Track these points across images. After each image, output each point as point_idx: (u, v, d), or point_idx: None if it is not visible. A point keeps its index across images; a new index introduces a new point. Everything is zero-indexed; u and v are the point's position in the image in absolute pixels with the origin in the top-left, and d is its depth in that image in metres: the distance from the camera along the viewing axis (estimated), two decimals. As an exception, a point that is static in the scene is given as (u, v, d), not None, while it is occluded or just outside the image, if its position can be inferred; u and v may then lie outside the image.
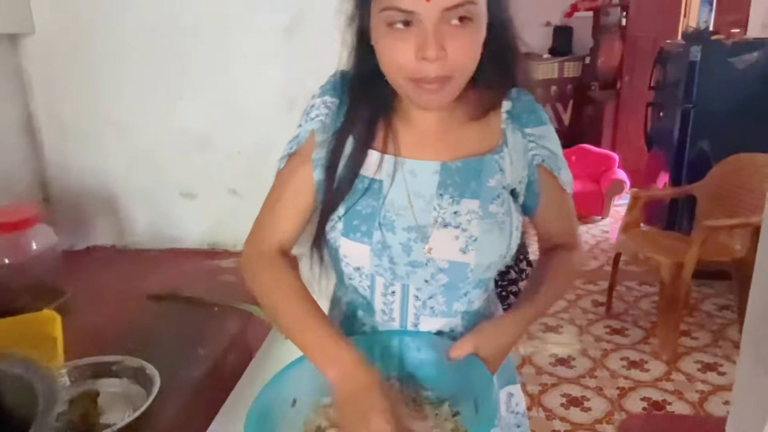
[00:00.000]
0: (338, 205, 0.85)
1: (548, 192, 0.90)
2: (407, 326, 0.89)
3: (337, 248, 0.86)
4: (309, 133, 0.87)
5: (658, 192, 3.87)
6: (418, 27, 0.73)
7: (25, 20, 1.32)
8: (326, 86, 0.89)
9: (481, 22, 0.77)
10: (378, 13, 0.75)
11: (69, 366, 0.86)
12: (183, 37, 1.33)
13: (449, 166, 0.84)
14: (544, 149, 0.89)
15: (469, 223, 0.83)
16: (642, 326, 3.14)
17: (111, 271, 1.34)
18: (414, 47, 0.73)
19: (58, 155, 1.44)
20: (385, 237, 0.83)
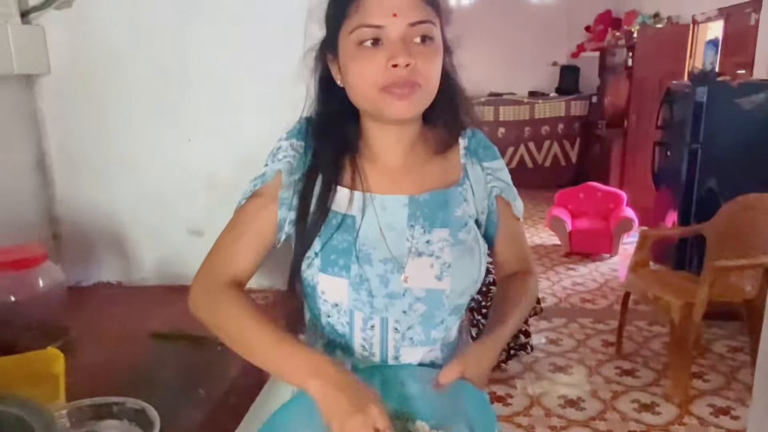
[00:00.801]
0: (312, 242, 0.88)
1: (505, 221, 0.99)
2: (388, 359, 0.91)
3: (315, 285, 0.88)
4: (275, 173, 0.90)
5: (667, 231, 3.85)
6: (386, 43, 0.80)
7: (41, 61, 1.36)
8: (292, 131, 0.94)
9: (439, 46, 0.85)
10: (348, 35, 0.82)
11: (70, 407, 0.86)
12: (191, 82, 1.37)
13: (417, 198, 0.90)
14: (501, 181, 0.97)
15: (442, 251, 0.88)
16: (653, 367, 3.08)
17: (117, 309, 1.34)
18: (383, 59, 0.80)
19: (68, 192, 1.46)
20: (363, 270, 0.87)
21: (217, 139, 1.40)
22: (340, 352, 0.92)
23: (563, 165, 7.41)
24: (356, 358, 0.91)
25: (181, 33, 1.34)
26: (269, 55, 1.32)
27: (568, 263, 4.77)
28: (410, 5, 0.80)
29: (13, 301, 1.06)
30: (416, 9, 0.81)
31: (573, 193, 5.18)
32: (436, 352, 0.93)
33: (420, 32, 0.81)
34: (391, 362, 0.91)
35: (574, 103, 7.28)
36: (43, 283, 1.10)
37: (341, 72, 0.87)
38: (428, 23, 0.81)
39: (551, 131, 7.33)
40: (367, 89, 0.83)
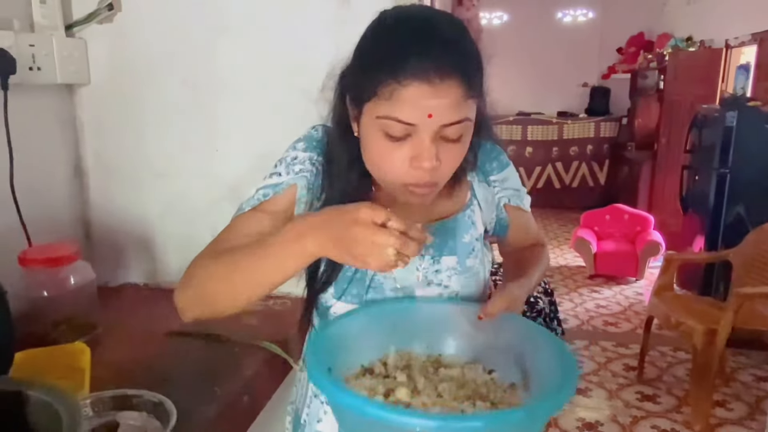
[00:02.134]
0: (336, 273, 0.86)
1: (515, 221, 1.01)
2: None
3: (329, 307, 0.91)
4: (290, 186, 0.86)
5: (693, 256, 3.80)
6: (415, 138, 0.74)
7: (82, 72, 1.44)
8: (311, 140, 0.89)
9: (470, 134, 0.79)
10: (374, 117, 0.75)
11: (93, 397, 0.91)
12: (220, 95, 1.43)
13: (427, 228, 0.86)
14: (509, 190, 0.97)
15: (450, 279, 0.90)
16: (675, 394, 3.03)
17: (141, 309, 1.40)
18: (409, 156, 0.75)
19: (101, 197, 1.53)
20: (378, 298, 0.88)
21: (244, 150, 1.45)
22: None
23: (591, 186, 7.35)
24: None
25: (212, 48, 1.41)
26: (296, 70, 1.37)
27: (592, 285, 4.72)
28: (449, 105, 0.72)
29: (45, 296, 1.12)
30: (454, 109, 0.73)
31: (599, 215, 5.14)
32: None
33: (453, 133, 0.75)
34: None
35: (604, 124, 7.24)
36: (74, 280, 1.16)
37: (360, 138, 0.81)
38: (465, 122, 0.75)
39: (579, 152, 7.29)
40: (384, 178, 0.80)
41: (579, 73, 7.59)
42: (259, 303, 1.41)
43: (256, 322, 1.29)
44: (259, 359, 1.12)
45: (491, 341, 0.83)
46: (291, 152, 0.90)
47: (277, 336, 1.18)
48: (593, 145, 7.28)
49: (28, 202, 1.28)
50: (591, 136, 7.26)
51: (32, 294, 1.12)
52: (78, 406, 0.72)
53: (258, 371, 1.08)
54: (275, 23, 1.39)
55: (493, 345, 0.82)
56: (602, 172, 7.35)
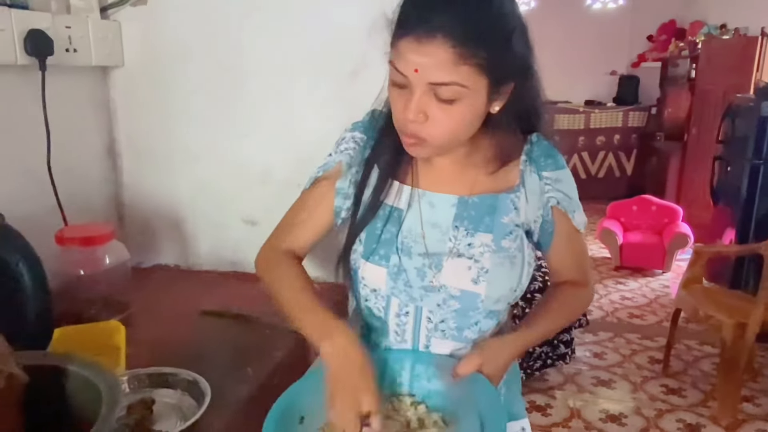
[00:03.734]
0: (362, 230, 0.93)
1: (561, 232, 0.95)
2: (419, 347, 0.94)
3: (357, 269, 0.94)
4: (336, 163, 0.96)
5: (723, 248, 3.72)
6: (409, 89, 0.79)
7: (116, 55, 1.45)
8: (358, 123, 0.99)
9: (472, 103, 0.80)
10: (388, 63, 0.82)
11: (129, 374, 0.92)
12: (252, 79, 1.43)
13: (466, 200, 0.91)
14: (560, 192, 0.93)
15: (482, 255, 0.89)
16: (701, 388, 2.99)
17: (173, 289, 1.42)
18: (403, 104, 0.81)
19: (134, 179, 1.55)
20: (402, 261, 0.90)
21: (273, 135, 1.45)
22: (375, 335, 0.97)
23: (617, 177, 7.24)
24: (390, 341, 0.95)
25: (243, 33, 1.41)
26: (325, 55, 1.37)
27: (618, 277, 4.67)
28: (435, 65, 0.76)
29: (81, 275, 1.15)
30: (442, 70, 0.76)
31: (626, 206, 5.05)
32: (467, 351, 0.93)
33: (444, 93, 0.78)
34: (421, 350, 0.94)
35: (633, 113, 7.10)
36: (109, 260, 1.18)
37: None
38: (454, 86, 0.77)
39: (607, 142, 7.17)
40: (395, 122, 0.86)
41: (608, 61, 7.45)
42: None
43: (285, 305, 1.30)
44: (289, 342, 1.13)
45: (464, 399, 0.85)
46: (342, 135, 0.99)
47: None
48: (621, 134, 7.16)
49: (63, 182, 1.31)
50: (619, 126, 7.13)
51: (68, 272, 1.14)
52: (117, 382, 0.73)
53: (288, 354, 1.09)
54: (306, 5, 1.38)
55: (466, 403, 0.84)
56: (629, 162, 7.23)
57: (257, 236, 1.50)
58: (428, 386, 0.91)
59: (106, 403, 0.69)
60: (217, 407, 0.87)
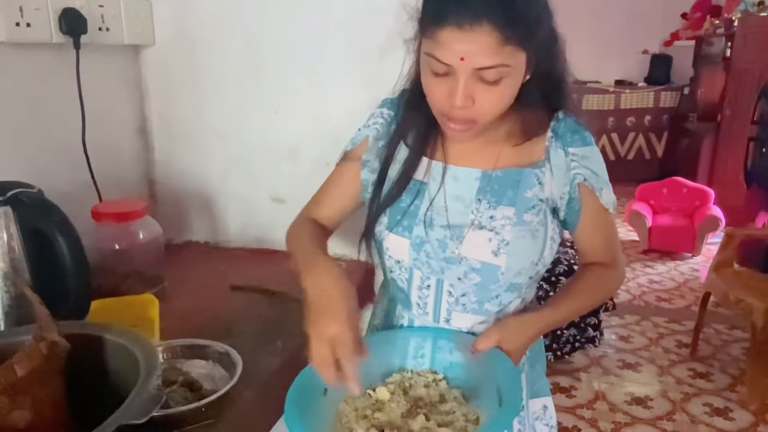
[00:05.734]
0: (390, 204, 0.94)
1: (589, 210, 0.94)
2: (440, 320, 0.95)
3: (382, 241, 0.96)
4: (364, 138, 1.00)
5: (756, 231, 3.65)
6: (452, 76, 0.79)
7: (148, 33, 1.47)
8: (387, 99, 1.02)
9: (514, 78, 0.81)
10: (424, 54, 0.82)
11: (165, 345, 0.95)
12: (280, 57, 1.44)
13: (489, 174, 0.91)
14: (587, 169, 0.92)
15: (503, 228, 0.89)
16: (729, 373, 2.95)
17: (203, 265, 1.45)
18: (446, 91, 0.81)
19: (165, 157, 1.57)
20: (424, 233, 0.91)
21: (302, 113, 1.46)
22: (401, 307, 1.00)
23: (647, 159, 7.10)
24: (413, 314, 0.98)
25: (272, 10, 1.41)
26: (354, 33, 1.37)
27: (646, 260, 4.60)
28: (482, 50, 0.76)
29: (116, 249, 1.18)
30: (487, 54, 0.76)
31: (656, 188, 4.96)
32: (490, 321, 0.95)
33: (490, 75, 0.78)
34: (442, 324, 0.95)
35: (664, 94, 6.93)
36: (143, 235, 1.21)
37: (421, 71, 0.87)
38: (499, 67, 0.78)
39: (637, 123, 7.03)
40: (432, 107, 0.86)
41: (639, 39, 7.25)
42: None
43: (313, 282, 1.32)
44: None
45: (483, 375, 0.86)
46: (373, 111, 1.03)
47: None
48: (651, 115, 7.00)
49: (97, 160, 1.34)
50: (650, 107, 6.97)
51: (104, 247, 1.17)
52: (155, 351, 0.76)
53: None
54: (336, -16, 1.38)
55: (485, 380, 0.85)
56: (660, 144, 7.08)
57: (285, 214, 1.51)
58: (449, 360, 0.92)
59: (144, 370, 0.71)
60: (247, 378, 0.89)
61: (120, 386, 0.72)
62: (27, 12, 1.14)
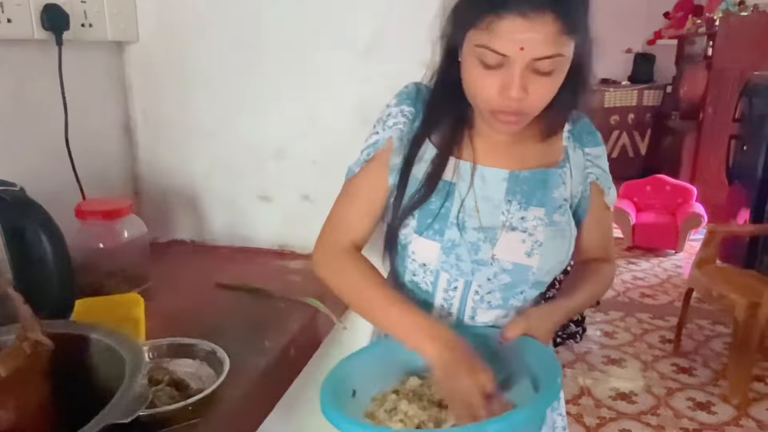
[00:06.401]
0: (419, 206, 0.90)
1: (595, 207, 0.98)
2: (464, 319, 0.95)
3: (407, 245, 0.92)
4: (387, 140, 0.93)
5: (737, 228, 3.70)
6: (507, 68, 0.78)
7: (131, 29, 1.45)
8: (402, 96, 0.95)
9: (563, 70, 0.81)
10: (472, 45, 0.80)
11: (150, 344, 0.94)
12: (268, 54, 1.42)
13: (517, 174, 0.91)
14: (599, 168, 0.96)
15: (536, 229, 0.90)
16: (712, 367, 3.00)
17: (189, 264, 1.44)
18: (499, 84, 0.79)
19: (150, 155, 1.56)
20: (457, 236, 0.89)
21: (289, 111, 1.45)
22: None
23: (631, 156, 7.17)
24: (434, 314, 0.95)
25: (258, 7, 1.40)
26: (345, 29, 1.36)
27: (630, 257, 4.66)
28: (543, 40, 0.75)
29: (101, 248, 1.16)
30: (547, 44, 0.76)
31: (640, 186, 5.02)
32: (510, 318, 0.95)
33: (545, 66, 0.78)
34: (466, 321, 0.95)
35: (648, 92, 7.01)
36: (128, 233, 1.20)
37: (461, 64, 0.85)
38: (556, 57, 0.77)
39: (621, 121, 7.09)
40: (477, 103, 0.85)
41: (622, 38, 7.31)
42: (303, 262, 1.43)
43: (300, 279, 1.32)
44: (304, 315, 1.14)
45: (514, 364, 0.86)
46: (385, 111, 0.95)
47: (320, 293, 1.20)
48: (635, 114, 7.07)
49: (81, 157, 1.32)
50: (633, 105, 7.04)
51: (88, 246, 1.15)
52: (140, 350, 0.75)
53: (303, 326, 1.11)
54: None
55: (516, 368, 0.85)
56: (643, 142, 7.16)
57: (271, 213, 1.53)
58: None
59: (130, 369, 0.71)
60: (235, 377, 0.88)
61: (105, 386, 0.71)
62: (8, 7, 1.12)
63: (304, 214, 1.49)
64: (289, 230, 1.52)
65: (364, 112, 1.38)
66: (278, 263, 1.44)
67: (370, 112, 1.36)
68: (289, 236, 1.51)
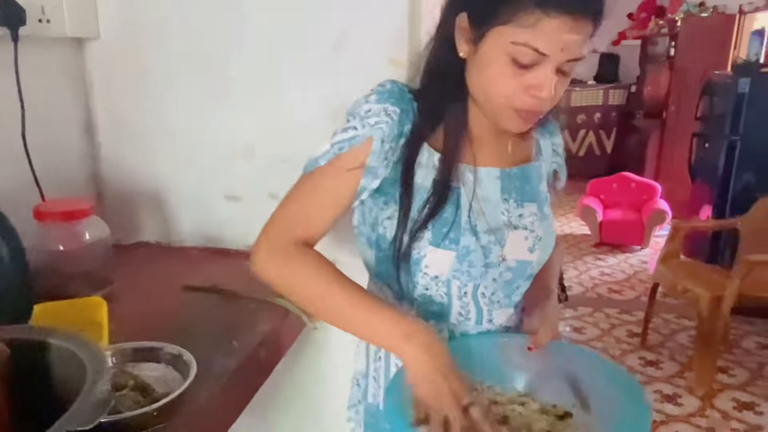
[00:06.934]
0: (434, 216, 0.84)
1: (551, 195, 1.01)
2: (483, 322, 0.94)
3: (420, 259, 0.86)
4: (367, 138, 0.82)
5: (700, 224, 3.79)
6: (540, 67, 0.76)
7: (91, 26, 1.41)
8: (384, 94, 0.85)
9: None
10: (507, 43, 0.76)
11: (113, 348, 0.91)
12: (236, 51, 1.40)
13: (508, 172, 0.91)
14: (560, 157, 1.00)
15: (533, 225, 0.91)
16: (678, 360, 3.06)
17: (155, 266, 1.40)
18: (528, 83, 0.77)
19: (113, 154, 1.52)
20: (472, 241, 0.86)
21: (257, 109, 1.43)
22: (433, 322, 0.91)
23: (597, 155, 7.31)
24: (451, 324, 0.93)
25: (226, 3, 1.37)
26: (311, 26, 1.35)
27: (598, 253, 4.74)
28: (582, 41, 0.75)
29: (61, 250, 1.12)
30: (583, 45, 0.76)
31: (606, 183, 5.12)
32: (516, 313, 0.97)
33: (570, 67, 0.78)
34: (486, 325, 0.94)
35: (613, 91, 7.16)
36: (90, 235, 1.16)
37: (476, 59, 0.81)
38: (581, 59, 0.77)
39: (587, 120, 7.23)
40: (496, 99, 0.80)
41: (588, 39, 7.45)
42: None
43: (270, 280, 1.29)
44: (274, 315, 1.12)
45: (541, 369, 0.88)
46: (363, 105, 0.84)
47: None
48: (601, 113, 7.22)
49: (39, 157, 1.27)
50: (599, 104, 7.19)
51: (48, 248, 1.11)
52: (102, 354, 0.72)
53: (273, 327, 1.09)
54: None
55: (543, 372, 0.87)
56: (609, 140, 7.30)
57: (240, 212, 1.50)
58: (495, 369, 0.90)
59: (91, 374, 0.68)
60: (203, 380, 0.86)
61: (66, 392, 0.68)
62: (-41, 1, 1.08)
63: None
64: (258, 230, 1.49)
65: (334, 110, 1.37)
66: (247, 264, 1.40)
67: (340, 109, 1.35)
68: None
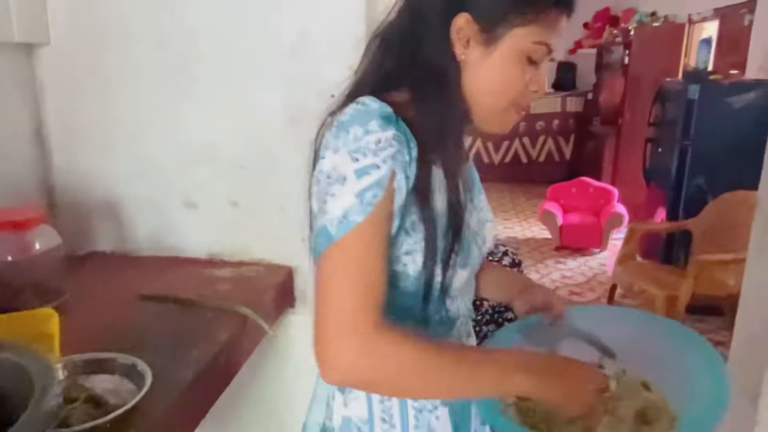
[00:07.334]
0: (458, 240, 0.79)
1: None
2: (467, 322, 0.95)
3: (449, 286, 0.81)
4: (390, 173, 0.70)
5: (655, 226, 3.90)
6: (540, 65, 0.79)
7: (41, 31, 1.37)
8: (383, 119, 0.72)
9: None
10: (528, 43, 0.75)
11: (64, 360, 0.88)
12: (193, 55, 1.38)
13: (470, 167, 0.94)
14: None
15: (488, 214, 0.94)
16: (636, 359, 3.13)
17: (110, 276, 1.36)
18: (530, 79, 0.79)
19: (65, 162, 1.47)
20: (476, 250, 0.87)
21: (215, 114, 1.41)
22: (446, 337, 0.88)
23: (557, 160, 7.45)
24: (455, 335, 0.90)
25: (182, 6, 1.35)
26: (269, 29, 1.34)
27: (558, 257, 4.82)
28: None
29: (9, 261, 1.08)
30: None
31: (565, 188, 5.22)
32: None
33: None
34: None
35: (570, 99, 7.32)
36: (40, 245, 1.12)
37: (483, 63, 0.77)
38: None
39: (546, 127, 7.37)
40: (505, 100, 0.79)
41: (546, 47, 7.61)
42: (232, 269, 1.39)
43: (229, 288, 1.28)
44: (234, 324, 1.10)
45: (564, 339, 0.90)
46: (368, 137, 0.70)
47: (250, 301, 1.17)
48: (559, 119, 7.37)
49: (-14, 166, 1.23)
50: (557, 111, 7.34)
51: (-5, 259, 1.07)
52: (51, 367, 0.70)
53: (232, 336, 1.07)
54: (245, -18, 1.34)
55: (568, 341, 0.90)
56: (568, 146, 7.46)
57: (198, 219, 1.48)
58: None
59: (39, 387, 0.66)
60: (159, 390, 0.84)
61: (14, 407, 0.65)
62: None
63: (233, 220, 1.45)
64: (217, 238, 1.47)
65: (292, 115, 1.36)
66: (207, 272, 1.39)
67: (299, 115, 1.35)
68: (218, 244, 1.47)
